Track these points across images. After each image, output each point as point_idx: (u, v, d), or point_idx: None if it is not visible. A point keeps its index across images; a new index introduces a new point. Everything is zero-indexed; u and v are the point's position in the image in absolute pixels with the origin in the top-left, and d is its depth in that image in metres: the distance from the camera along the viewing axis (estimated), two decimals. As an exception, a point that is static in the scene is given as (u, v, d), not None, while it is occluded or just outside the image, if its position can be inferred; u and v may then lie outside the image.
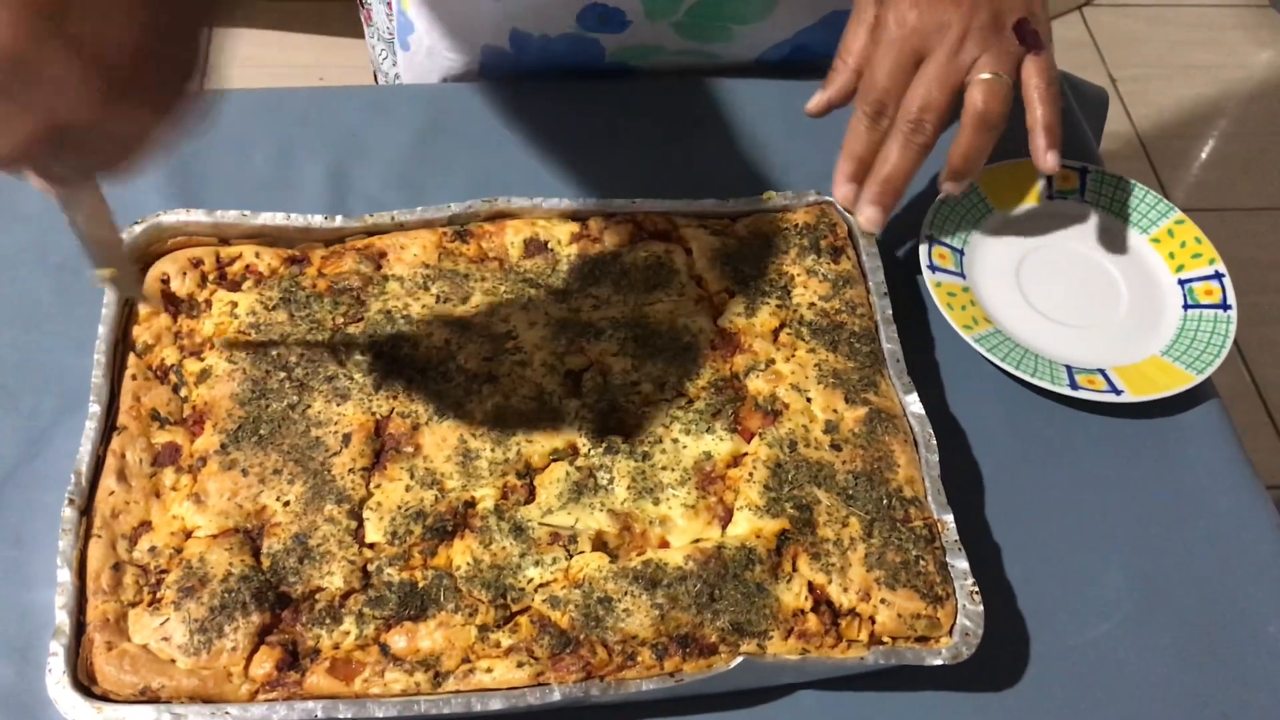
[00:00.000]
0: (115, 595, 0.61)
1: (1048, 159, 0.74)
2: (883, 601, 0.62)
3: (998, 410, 0.75)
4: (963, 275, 0.80)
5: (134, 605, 0.62)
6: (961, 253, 0.82)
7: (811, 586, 0.63)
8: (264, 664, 0.60)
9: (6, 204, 0.81)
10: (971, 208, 0.84)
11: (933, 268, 0.79)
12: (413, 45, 1.02)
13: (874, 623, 0.62)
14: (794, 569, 0.63)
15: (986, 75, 0.71)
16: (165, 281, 0.73)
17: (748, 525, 0.64)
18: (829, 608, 0.62)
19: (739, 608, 0.61)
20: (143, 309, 0.72)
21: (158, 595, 0.62)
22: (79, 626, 0.60)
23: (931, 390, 0.76)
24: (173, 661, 0.60)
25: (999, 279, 0.81)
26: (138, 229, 0.74)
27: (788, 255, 0.76)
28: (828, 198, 0.79)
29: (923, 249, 0.80)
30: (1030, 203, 0.86)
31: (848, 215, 0.78)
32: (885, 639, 0.62)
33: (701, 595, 0.61)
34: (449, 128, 0.88)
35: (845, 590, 0.62)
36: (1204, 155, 2.47)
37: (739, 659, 0.59)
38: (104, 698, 0.58)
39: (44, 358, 0.74)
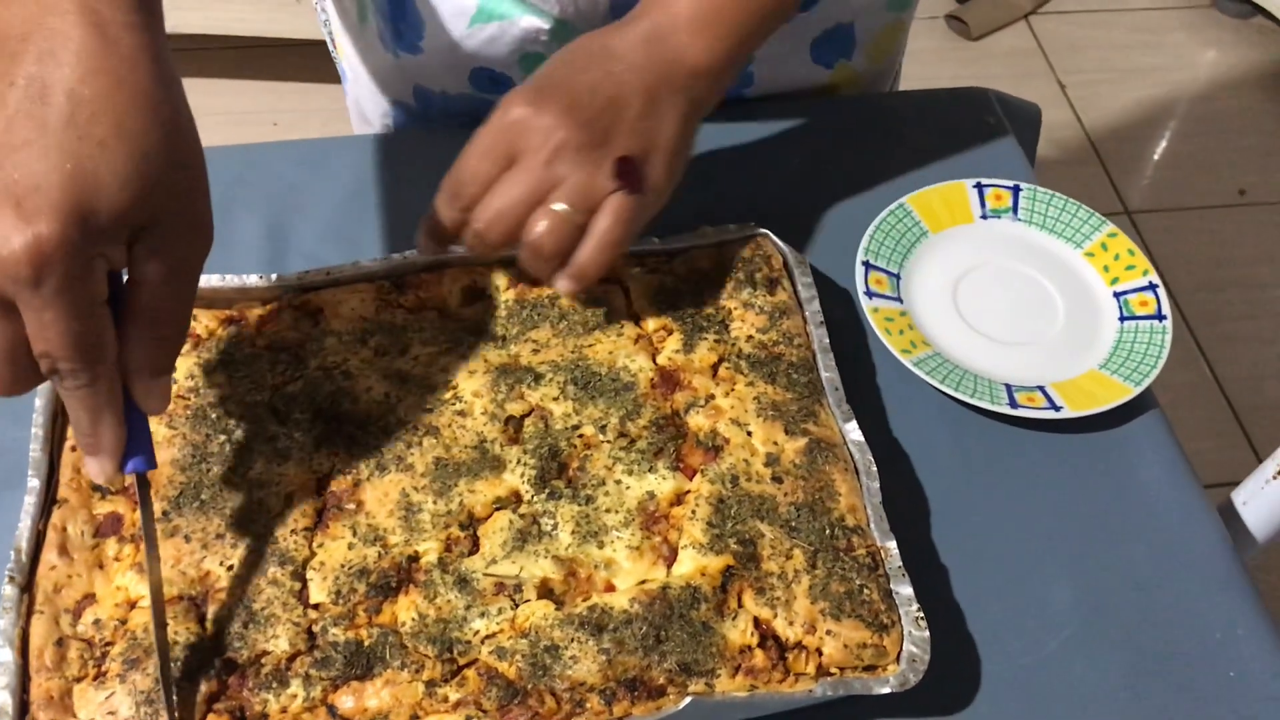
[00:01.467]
0: (59, 671, 0.61)
1: (559, 283, 0.70)
2: (828, 633, 0.62)
3: (940, 433, 0.76)
4: (900, 300, 0.81)
5: (79, 680, 0.61)
6: (898, 277, 0.82)
7: (757, 622, 0.63)
8: None
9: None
10: (906, 231, 0.84)
11: (869, 294, 0.80)
12: (350, 93, 1.04)
13: (821, 654, 0.62)
14: (739, 605, 0.64)
15: (558, 207, 0.66)
16: (103, 349, 0.73)
17: (692, 564, 0.64)
18: (775, 642, 0.63)
19: (685, 648, 0.61)
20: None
21: (103, 669, 0.61)
22: (22, 706, 0.60)
23: (873, 416, 0.76)
24: None
25: (936, 301, 0.82)
26: (73, 298, 0.73)
27: (724, 289, 0.76)
28: (762, 230, 0.79)
29: (859, 275, 0.81)
30: (964, 223, 0.86)
31: (782, 246, 0.79)
32: (833, 670, 0.62)
33: (648, 637, 0.61)
34: (383, 178, 0.89)
35: (791, 624, 0.63)
36: (1156, 156, 2.50)
37: (687, 699, 0.59)
38: (49, 777, 0.58)
39: (-19, 434, 0.73)
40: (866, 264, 0.81)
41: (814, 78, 0.97)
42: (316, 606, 0.63)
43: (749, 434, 0.70)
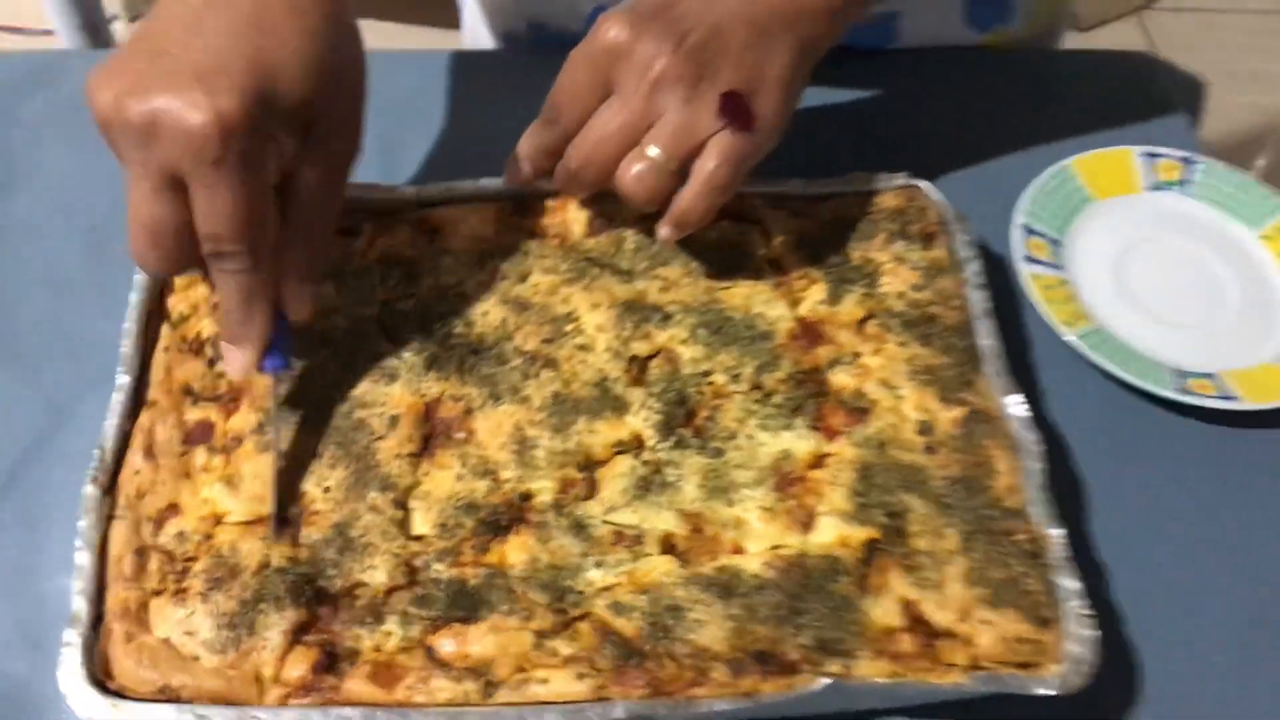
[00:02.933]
0: (138, 582, 0.56)
1: (659, 230, 0.64)
2: (984, 622, 0.56)
3: (1101, 415, 0.69)
4: (1060, 268, 0.74)
5: (157, 594, 0.56)
6: (1059, 244, 0.75)
7: (905, 603, 0.57)
8: (299, 666, 0.54)
9: (34, 164, 0.76)
10: (1069, 196, 0.77)
11: (1028, 259, 0.73)
12: (465, 21, 1.00)
13: (974, 645, 0.56)
14: (885, 583, 0.57)
15: (653, 151, 0.60)
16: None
17: (833, 533, 0.58)
18: (924, 627, 0.56)
19: (824, 623, 0.55)
20: (179, 279, 0.67)
21: (183, 585, 0.56)
22: (97, 615, 0.55)
23: (1027, 392, 0.69)
24: (196, 659, 0.54)
25: (1099, 273, 0.75)
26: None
27: (874, 241, 0.70)
28: (917, 181, 0.73)
29: (1015, 239, 0.74)
30: (1129, 193, 0.79)
31: (940, 200, 0.72)
32: (986, 664, 0.56)
33: (782, 607, 0.56)
34: (507, 97, 0.82)
35: (942, 608, 0.56)
36: (1263, 163, 2.39)
37: (824, 680, 0.53)
38: (119, 694, 0.53)
39: (70, 326, 0.69)
40: (1026, 227, 0.75)
41: (965, 39, 0.90)
42: (419, 539, 0.58)
43: (899, 398, 0.63)
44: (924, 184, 0.73)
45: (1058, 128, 0.84)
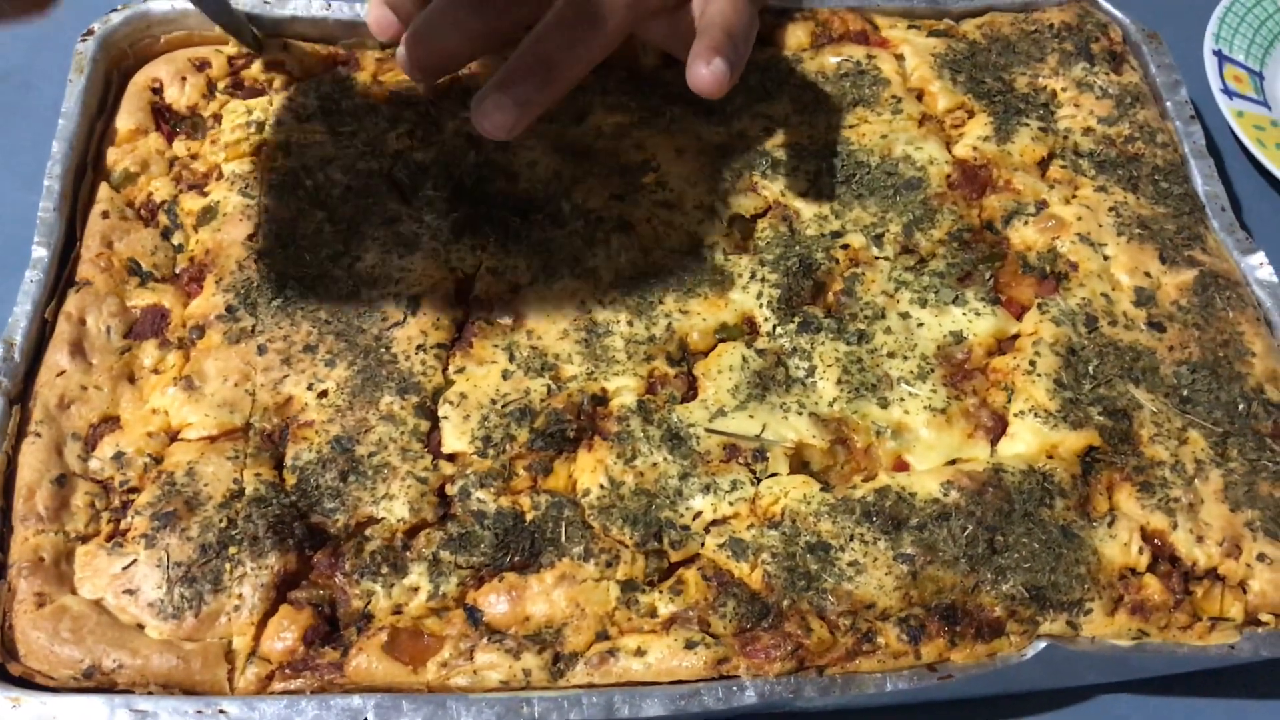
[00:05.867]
0: (57, 523, 0.41)
1: (699, 70, 0.44)
2: (1261, 558, 0.40)
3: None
4: (1266, 105, 0.58)
5: (85, 539, 0.42)
6: (1260, 76, 0.59)
7: (1147, 534, 0.40)
8: (285, 633, 0.38)
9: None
10: (1268, 17, 0.62)
11: (1228, 92, 0.57)
12: None
13: (1247, 591, 0.39)
14: (1113, 506, 0.41)
15: None
16: (157, 91, 0.54)
17: (1034, 439, 0.43)
18: (1175, 566, 0.40)
19: (1036, 563, 0.40)
20: (121, 123, 0.50)
21: (122, 525, 0.41)
22: (-2, 567, 0.39)
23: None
24: (140, 628, 0.39)
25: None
26: (115, 19, 0.53)
27: (1044, 64, 0.54)
28: (1086, -8, 0.56)
29: (1210, 67, 0.59)
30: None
31: (1120, 16, 0.55)
32: (1265, 617, 0.39)
33: (975, 543, 0.40)
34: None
35: (1200, 540, 0.41)
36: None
37: (1040, 644, 0.38)
38: (26, 681, 0.37)
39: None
40: (1220, 55, 0.59)
41: None
42: (453, 458, 0.43)
43: (1106, 258, 0.47)
44: (1098, -3, 0.56)
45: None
